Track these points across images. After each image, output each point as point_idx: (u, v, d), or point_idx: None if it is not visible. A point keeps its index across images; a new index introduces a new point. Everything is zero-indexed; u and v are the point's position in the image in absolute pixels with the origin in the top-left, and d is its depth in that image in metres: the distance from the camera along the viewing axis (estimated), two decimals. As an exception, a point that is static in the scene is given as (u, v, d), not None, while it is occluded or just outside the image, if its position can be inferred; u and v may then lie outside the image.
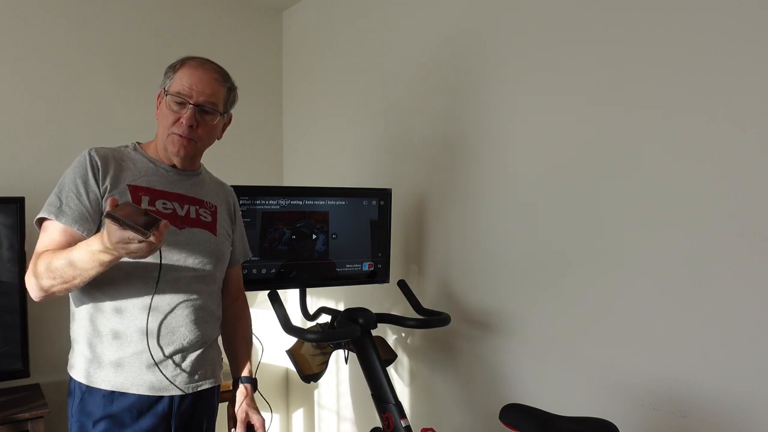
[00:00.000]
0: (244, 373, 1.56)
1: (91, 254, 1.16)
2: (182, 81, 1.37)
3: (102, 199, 1.33)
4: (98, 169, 1.34)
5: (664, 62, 1.47)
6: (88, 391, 1.35)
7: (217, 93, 1.40)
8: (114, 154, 1.40)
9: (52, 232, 1.30)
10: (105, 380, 1.34)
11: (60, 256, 1.21)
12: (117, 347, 1.34)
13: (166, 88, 1.40)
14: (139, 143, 1.47)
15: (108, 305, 1.34)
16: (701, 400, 1.41)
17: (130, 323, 1.33)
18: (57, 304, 2.25)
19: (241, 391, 1.52)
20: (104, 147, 1.41)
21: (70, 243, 1.27)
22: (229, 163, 2.93)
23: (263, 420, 1.50)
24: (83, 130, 2.53)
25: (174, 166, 1.45)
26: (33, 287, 1.28)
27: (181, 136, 1.38)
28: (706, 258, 1.40)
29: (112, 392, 1.34)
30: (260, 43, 3.07)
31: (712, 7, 1.38)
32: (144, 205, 1.36)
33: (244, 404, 1.50)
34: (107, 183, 1.34)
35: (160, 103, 1.42)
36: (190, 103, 1.36)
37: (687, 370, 1.44)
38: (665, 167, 1.48)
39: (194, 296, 1.40)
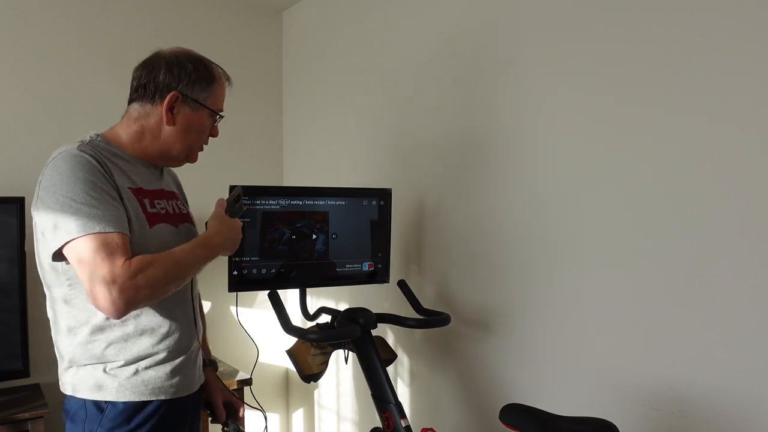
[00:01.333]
0: (209, 356, 1.57)
1: (212, 251, 1.27)
2: (221, 97, 1.37)
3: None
4: (106, 172, 1.22)
5: (664, 62, 1.47)
6: (108, 407, 1.25)
7: None
8: (98, 153, 1.25)
9: (115, 242, 1.15)
10: (130, 391, 1.25)
11: (181, 256, 1.22)
12: (140, 354, 1.27)
13: (205, 103, 1.32)
14: (99, 135, 1.34)
15: (148, 312, 1.28)
16: (701, 400, 1.41)
17: (171, 329, 1.31)
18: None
19: (214, 375, 1.54)
20: (81, 144, 1.26)
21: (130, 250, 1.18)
22: (229, 163, 2.95)
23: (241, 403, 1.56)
24: (83, 130, 2.48)
25: (141, 159, 1.35)
26: (126, 302, 1.14)
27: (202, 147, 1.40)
28: (706, 258, 1.40)
29: (138, 402, 1.26)
30: (260, 43, 3.07)
31: (712, 7, 1.38)
32: (148, 206, 1.30)
33: (220, 389, 1.53)
34: (118, 187, 1.24)
35: (177, 111, 1.30)
36: (221, 117, 1.39)
37: (687, 370, 1.44)
38: (665, 167, 1.48)
39: (196, 291, 1.43)
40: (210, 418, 1.53)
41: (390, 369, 2.20)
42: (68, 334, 1.26)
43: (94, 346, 1.25)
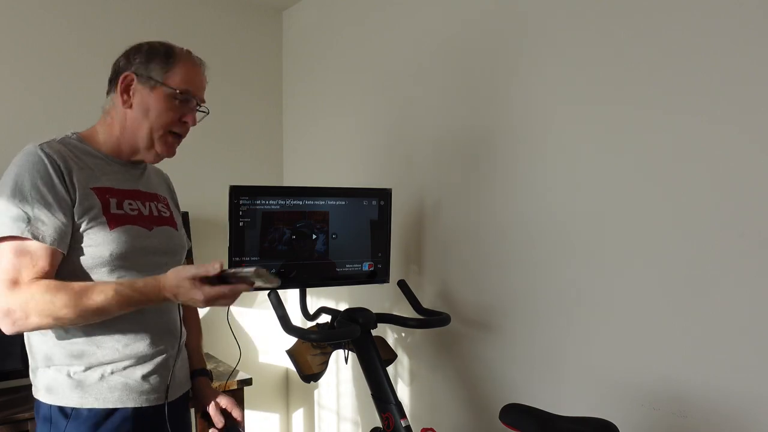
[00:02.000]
0: (203, 365, 1.51)
1: (143, 301, 1.11)
2: (186, 77, 1.26)
3: (74, 208, 1.16)
4: (62, 172, 1.16)
5: (664, 61, 1.47)
6: (73, 414, 1.19)
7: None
8: (67, 150, 1.21)
9: (32, 254, 1.10)
10: (95, 398, 1.21)
11: (93, 295, 1.09)
12: (104, 358, 1.22)
13: (161, 80, 1.24)
14: (76, 133, 1.32)
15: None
16: (701, 400, 1.41)
17: (132, 332, 1.25)
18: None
19: (206, 383, 1.48)
20: (51, 141, 1.22)
21: (54, 265, 1.13)
22: (229, 163, 2.95)
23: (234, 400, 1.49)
24: (83, 129, 2.52)
25: (117, 158, 1.31)
26: (12, 324, 1.09)
27: (180, 136, 1.31)
28: (706, 258, 1.40)
29: (103, 409, 1.20)
30: (260, 43, 3.07)
31: (713, 7, 1.38)
32: (113, 207, 1.23)
33: (213, 396, 1.46)
34: (76, 188, 1.17)
35: (134, 92, 1.25)
36: (198, 103, 1.30)
37: (687, 370, 1.44)
38: (665, 167, 1.48)
39: None
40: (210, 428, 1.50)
41: (390, 369, 2.20)
42: (35, 332, 1.21)
43: (57, 348, 1.19)
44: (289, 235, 1.92)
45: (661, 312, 1.49)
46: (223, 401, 1.45)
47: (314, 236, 1.97)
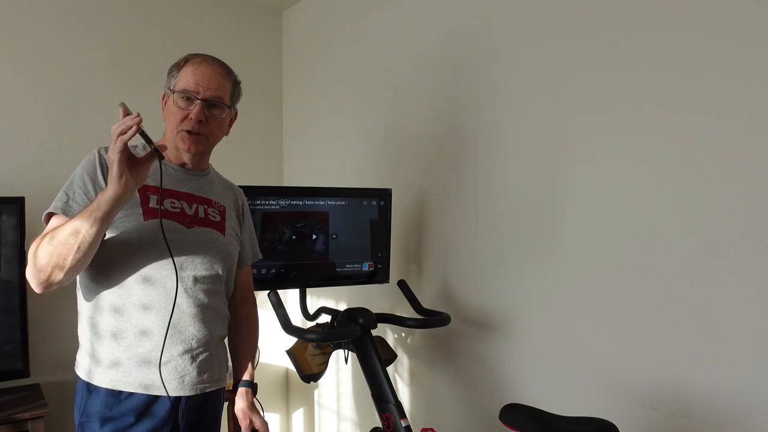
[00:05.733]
0: (245, 376, 1.55)
1: (97, 203, 1.18)
2: (188, 78, 1.38)
3: None
4: (107, 167, 1.31)
5: (665, 61, 1.47)
6: (95, 390, 1.34)
7: (222, 87, 1.42)
8: None
9: (56, 224, 1.28)
10: (108, 379, 1.33)
11: (62, 227, 1.20)
12: (118, 347, 1.33)
13: (171, 87, 1.40)
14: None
15: (109, 304, 1.33)
16: (701, 400, 1.41)
17: (131, 323, 1.33)
18: (58, 303, 2.27)
19: (242, 395, 1.51)
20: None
21: None
22: (229, 163, 2.93)
23: (266, 422, 1.50)
24: (83, 130, 2.53)
25: (182, 165, 1.45)
26: (32, 274, 1.24)
27: (190, 132, 1.38)
28: (706, 258, 1.40)
29: (119, 392, 1.33)
30: (260, 43, 3.07)
31: (717, 7, 1.38)
32: (152, 202, 1.36)
33: (245, 408, 1.49)
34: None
35: (165, 103, 1.43)
36: (198, 99, 1.37)
37: (687, 370, 1.44)
38: (666, 167, 1.48)
39: (201, 295, 1.39)
40: None
41: (390, 369, 2.20)
42: (80, 319, 1.41)
43: (85, 331, 1.37)
44: (289, 235, 1.92)
45: (661, 312, 1.49)
46: (259, 423, 1.49)
47: (314, 236, 1.97)
